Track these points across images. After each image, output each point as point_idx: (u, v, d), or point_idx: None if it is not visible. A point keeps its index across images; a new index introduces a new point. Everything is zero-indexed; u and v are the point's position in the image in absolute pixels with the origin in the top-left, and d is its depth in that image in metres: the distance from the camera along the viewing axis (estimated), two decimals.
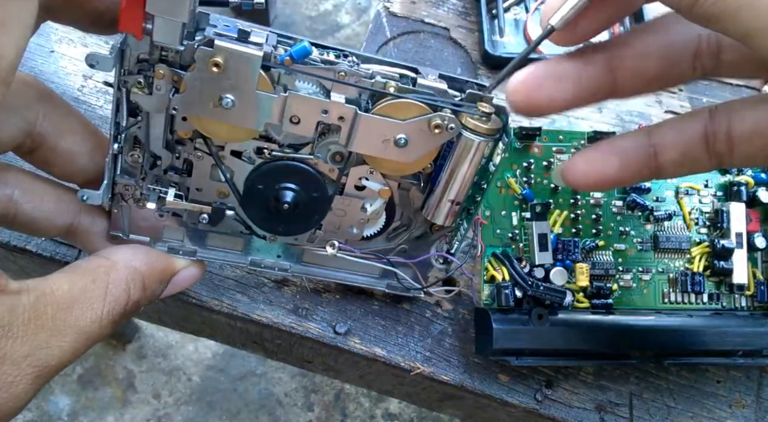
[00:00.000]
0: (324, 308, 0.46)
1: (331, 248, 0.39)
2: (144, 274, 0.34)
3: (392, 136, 0.34)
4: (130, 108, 0.33)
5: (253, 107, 0.32)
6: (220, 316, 0.45)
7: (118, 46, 0.31)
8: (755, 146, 0.31)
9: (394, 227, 0.41)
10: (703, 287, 0.46)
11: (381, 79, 0.33)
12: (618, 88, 0.34)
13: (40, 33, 0.49)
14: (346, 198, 0.38)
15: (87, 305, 0.30)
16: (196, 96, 0.32)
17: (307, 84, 0.33)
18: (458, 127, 0.34)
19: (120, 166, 0.36)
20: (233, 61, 0.31)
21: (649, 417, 0.47)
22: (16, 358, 0.27)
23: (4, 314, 0.27)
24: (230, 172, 0.37)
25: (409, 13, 0.58)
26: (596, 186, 0.39)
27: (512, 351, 0.42)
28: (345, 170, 0.37)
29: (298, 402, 1.42)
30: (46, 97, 0.34)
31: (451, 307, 0.47)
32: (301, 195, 0.37)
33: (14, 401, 0.27)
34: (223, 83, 0.31)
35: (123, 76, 0.32)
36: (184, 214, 0.38)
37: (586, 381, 0.47)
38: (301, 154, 0.36)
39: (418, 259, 0.41)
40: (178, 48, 0.31)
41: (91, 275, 0.31)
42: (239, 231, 0.39)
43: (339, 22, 1.63)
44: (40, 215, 0.34)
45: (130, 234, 0.38)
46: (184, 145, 0.36)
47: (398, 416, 1.43)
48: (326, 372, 0.60)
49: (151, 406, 1.38)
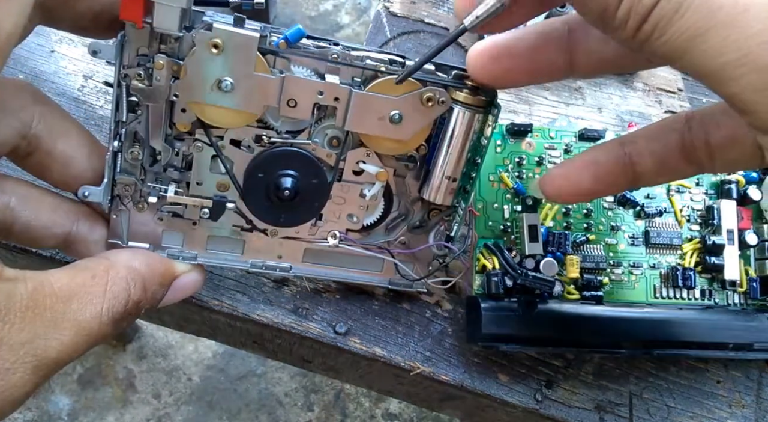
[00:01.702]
0: (324, 308, 0.46)
1: (333, 238, 0.39)
2: (144, 275, 0.33)
3: (387, 113, 0.35)
4: (130, 104, 0.34)
5: (251, 89, 0.33)
6: (220, 316, 0.45)
7: (118, 40, 0.32)
8: (736, 152, 0.31)
9: (392, 217, 0.41)
10: (695, 282, 0.46)
11: (372, 62, 0.35)
12: (575, 68, 0.34)
13: (40, 33, 0.49)
14: (345, 184, 0.39)
15: (86, 300, 0.30)
16: (196, 80, 0.33)
17: (302, 68, 0.35)
18: (449, 100, 0.35)
19: (120, 165, 0.36)
20: (231, 43, 0.32)
21: (648, 417, 0.47)
22: (13, 344, 0.26)
23: (1, 299, 0.26)
24: (230, 162, 0.37)
25: (409, 13, 0.58)
26: (572, 199, 0.40)
27: (501, 337, 0.42)
28: (342, 155, 0.37)
29: (298, 401, 1.42)
30: (41, 101, 0.34)
31: (451, 307, 0.47)
32: (301, 181, 0.37)
33: (12, 389, 0.26)
34: (222, 66, 0.33)
35: (123, 69, 0.33)
36: (185, 211, 0.38)
37: (586, 381, 0.47)
38: (298, 140, 0.36)
39: (418, 248, 0.42)
40: (178, 34, 0.32)
41: (90, 271, 0.31)
42: (240, 227, 0.39)
43: (339, 22, 1.63)
44: (37, 223, 0.34)
45: (129, 242, 0.38)
46: (182, 140, 0.36)
47: (398, 416, 1.43)
48: (326, 372, 0.60)
49: (151, 406, 1.38)
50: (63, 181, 0.36)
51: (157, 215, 0.38)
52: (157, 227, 0.38)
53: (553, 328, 0.43)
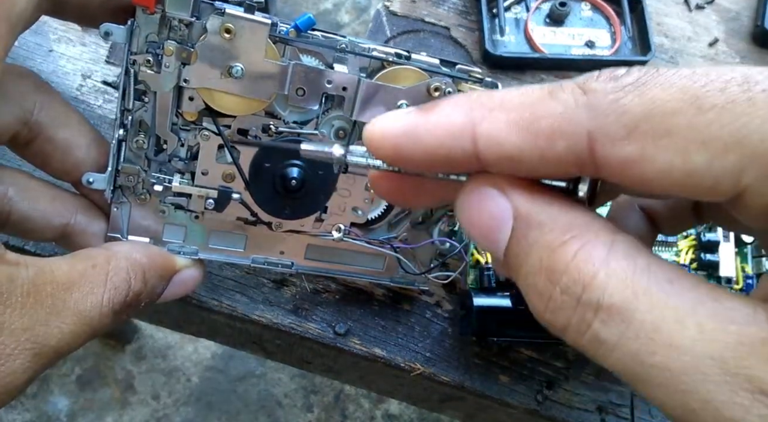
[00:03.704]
0: (324, 308, 0.45)
1: (338, 232, 0.39)
2: (144, 266, 0.33)
3: (394, 103, 0.35)
4: (137, 92, 0.34)
5: (261, 76, 0.34)
6: (220, 316, 0.45)
7: (128, 26, 0.32)
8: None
9: (395, 213, 0.41)
10: None
11: (379, 54, 0.35)
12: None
13: (39, 32, 0.49)
14: (350, 176, 0.39)
15: (87, 289, 0.29)
16: (206, 66, 0.33)
17: (311, 58, 0.35)
18: (456, 91, 0.36)
19: (124, 154, 0.36)
20: (243, 29, 0.32)
21: (650, 418, 0.47)
22: (14, 329, 0.26)
23: (3, 282, 0.26)
24: (237, 152, 0.37)
25: (409, 12, 0.58)
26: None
27: (493, 331, 0.43)
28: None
29: (297, 402, 1.42)
30: (43, 89, 0.34)
31: (451, 307, 0.47)
32: (308, 172, 0.37)
33: (12, 376, 0.26)
34: (233, 52, 0.33)
35: (131, 56, 0.33)
36: (189, 202, 0.38)
37: (587, 382, 0.47)
38: (306, 130, 0.37)
39: (421, 244, 0.42)
40: (189, 19, 0.32)
41: (91, 260, 0.31)
42: (244, 220, 0.39)
43: (339, 22, 1.63)
44: (35, 214, 0.34)
45: (129, 236, 0.38)
46: (188, 130, 0.36)
47: (398, 417, 1.43)
48: (326, 372, 0.60)
49: (150, 407, 1.38)
50: (63, 169, 0.36)
51: (159, 208, 0.38)
52: (157, 221, 0.38)
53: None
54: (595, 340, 0.21)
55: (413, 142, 0.23)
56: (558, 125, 0.21)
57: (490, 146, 0.22)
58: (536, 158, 0.22)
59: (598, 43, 0.58)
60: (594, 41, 0.58)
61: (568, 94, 0.22)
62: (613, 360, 0.21)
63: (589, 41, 0.58)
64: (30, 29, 0.48)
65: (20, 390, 0.27)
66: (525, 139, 0.22)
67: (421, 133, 0.23)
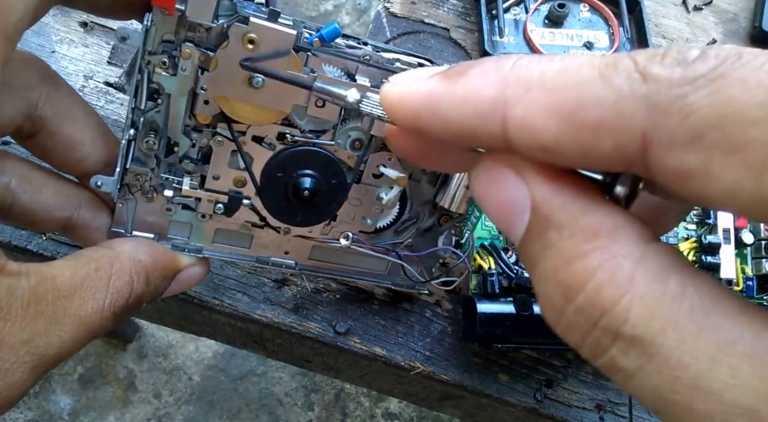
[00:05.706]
0: (324, 307, 0.46)
1: (345, 239, 0.39)
2: (148, 268, 0.33)
3: None
4: (150, 92, 0.33)
5: (282, 87, 0.32)
6: (221, 316, 0.46)
7: (143, 25, 0.30)
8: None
9: (403, 219, 0.41)
10: None
11: (402, 65, 0.34)
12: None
13: (41, 33, 0.49)
14: (363, 187, 0.38)
15: (89, 295, 0.29)
16: (226, 74, 0.32)
17: (332, 68, 0.34)
18: None
19: (133, 154, 0.35)
20: (268, 39, 0.31)
21: (648, 417, 0.47)
22: (14, 343, 0.25)
23: (3, 296, 0.25)
24: (249, 158, 0.36)
25: (409, 14, 0.58)
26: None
27: (496, 336, 0.43)
28: (364, 157, 0.37)
29: (298, 401, 1.42)
30: (49, 79, 0.33)
31: (451, 307, 0.47)
32: (321, 182, 0.37)
33: (11, 389, 0.26)
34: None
35: (146, 56, 0.31)
36: (198, 205, 0.38)
37: (585, 381, 0.47)
38: (322, 140, 0.36)
39: (426, 251, 0.42)
40: (211, 25, 0.31)
41: (94, 263, 0.30)
42: (251, 223, 0.39)
43: (339, 23, 1.63)
44: (37, 206, 0.33)
45: (134, 231, 0.37)
46: (200, 132, 0.35)
47: (398, 415, 1.43)
48: (326, 371, 0.60)
49: (151, 406, 1.39)
50: (66, 164, 0.35)
51: (166, 206, 0.37)
52: (163, 218, 0.38)
53: (548, 327, 0.43)
54: (612, 365, 0.19)
55: (434, 114, 0.21)
56: (608, 119, 0.18)
57: (523, 133, 0.19)
58: (577, 153, 0.19)
59: (597, 45, 0.59)
60: (593, 42, 0.59)
61: (623, 80, 0.18)
62: (630, 387, 0.19)
63: (587, 42, 0.59)
64: (32, 30, 0.49)
65: (18, 400, 0.27)
66: (566, 130, 0.18)
67: (444, 106, 0.20)
